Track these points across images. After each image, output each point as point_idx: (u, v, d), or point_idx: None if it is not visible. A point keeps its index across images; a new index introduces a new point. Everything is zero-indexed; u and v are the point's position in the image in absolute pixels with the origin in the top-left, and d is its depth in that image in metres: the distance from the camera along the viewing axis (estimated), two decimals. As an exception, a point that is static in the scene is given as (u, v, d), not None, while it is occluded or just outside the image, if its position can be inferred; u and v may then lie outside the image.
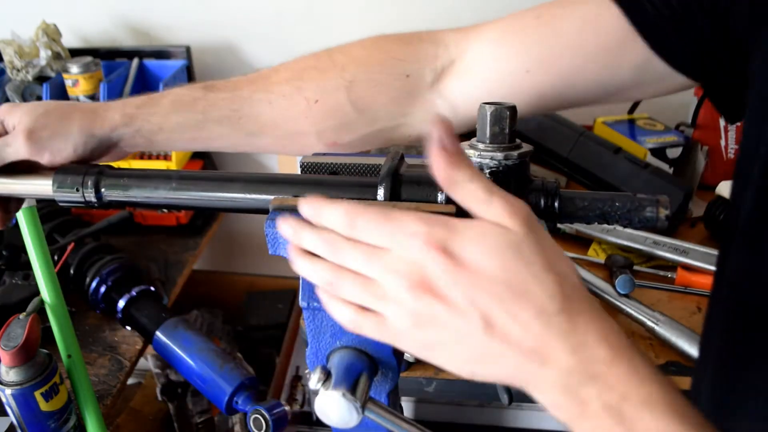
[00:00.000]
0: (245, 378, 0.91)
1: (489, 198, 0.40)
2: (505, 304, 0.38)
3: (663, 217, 0.50)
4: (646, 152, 1.22)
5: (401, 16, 1.48)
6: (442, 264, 0.39)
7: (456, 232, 0.39)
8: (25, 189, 0.63)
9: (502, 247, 0.39)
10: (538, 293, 0.38)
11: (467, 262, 0.39)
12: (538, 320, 0.38)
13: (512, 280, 0.38)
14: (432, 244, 0.39)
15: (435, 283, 0.39)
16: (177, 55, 1.45)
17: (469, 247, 0.39)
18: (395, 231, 0.40)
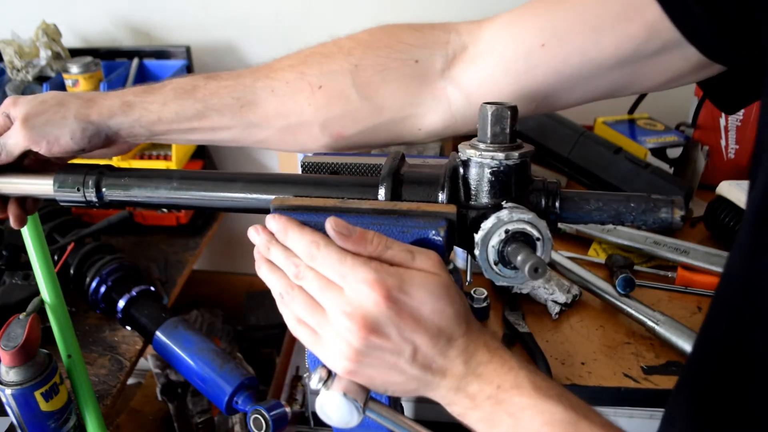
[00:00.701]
0: (245, 378, 0.91)
1: (412, 256, 0.48)
2: (431, 338, 0.46)
3: (678, 218, 0.50)
4: (646, 152, 1.22)
5: (401, 16, 1.48)
6: (389, 311, 0.45)
7: (402, 283, 0.46)
8: (26, 189, 0.63)
9: (434, 293, 0.46)
10: (454, 326, 0.47)
11: (408, 308, 0.46)
12: (451, 345, 0.47)
13: (440, 319, 0.46)
14: (384, 295, 0.45)
15: (381, 326, 0.45)
16: (177, 55, 1.45)
17: (411, 295, 0.46)
18: (348, 274, 0.46)
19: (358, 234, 0.47)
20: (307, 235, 0.48)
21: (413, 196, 0.53)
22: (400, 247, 0.48)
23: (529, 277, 0.44)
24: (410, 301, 0.46)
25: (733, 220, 1.05)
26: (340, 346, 0.46)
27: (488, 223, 0.48)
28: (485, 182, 0.51)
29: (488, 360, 0.47)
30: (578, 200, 0.52)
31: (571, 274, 0.97)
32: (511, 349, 0.86)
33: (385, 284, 0.45)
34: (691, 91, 1.30)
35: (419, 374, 0.47)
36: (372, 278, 0.45)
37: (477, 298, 0.91)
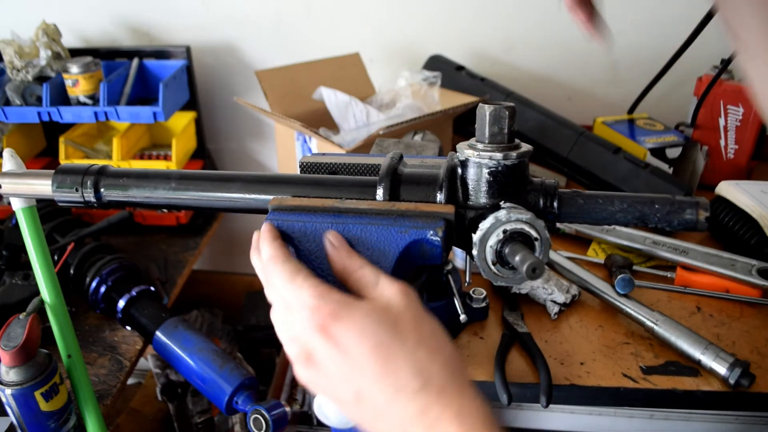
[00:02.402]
0: (245, 378, 0.91)
1: (376, 280, 0.45)
2: (373, 382, 0.41)
3: (703, 219, 0.50)
4: (645, 152, 1.22)
5: (400, 16, 1.48)
6: (322, 342, 0.42)
7: (340, 312, 0.42)
8: (25, 189, 0.63)
9: (378, 327, 0.42)
10: (405, 370, 0.41)
11: (343, 344, 0.42)
12: (400, 396, 0.40)
13: (382, 359, 0.41)
14: (316, 324, 0.42)
15: (316, 359, 0.43)
16: (177, 55, 1.45)
17: (346, 329, 0.42)
18: (292, 298, 0.45)
19: (345, 249, 0.48)
20: (272, 249, 0.48)
21: (411, 196, 0.53)
22: (371, 272, 0.46)
23: (526, 277, 0.44)
24: (347, 333, 0.42)
25: (733, 220, 1.05)
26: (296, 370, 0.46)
27: (486, 224, 0.48)
28: (483, 182, 0.52)
29: None
30: (603, 201, 0.52)
31: (570, 274, 0.97)
32: (510, 349, 0.86)
33: (321, 311, 0.42)
34: (691, 91, 1.30)
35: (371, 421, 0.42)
36: (310, 304, 0.43)
37: (476, 298, 0.91)
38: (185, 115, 1.48)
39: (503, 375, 0.80)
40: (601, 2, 0.67)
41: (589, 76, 1.51)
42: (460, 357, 0.44)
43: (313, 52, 1.47)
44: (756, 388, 0.78)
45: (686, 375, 0.81)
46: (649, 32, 1.44)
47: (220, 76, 1.60)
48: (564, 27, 1.45)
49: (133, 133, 1.42)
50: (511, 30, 1.46)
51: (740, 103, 1.21)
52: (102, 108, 1.28)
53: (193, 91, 1.47)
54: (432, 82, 1.33)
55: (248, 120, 1.65)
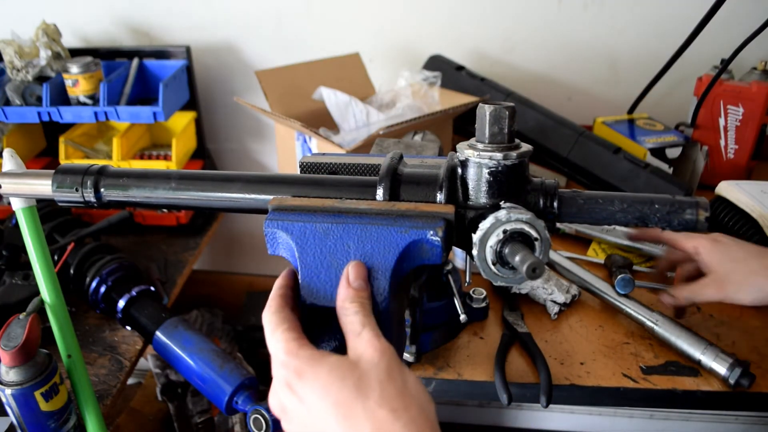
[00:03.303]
0: (245, 378, 0.91)
1: (360, 331, 0.46)
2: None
3: (703, 219, 0.50)
4: (645, 152, 1.22)
5: (400, 16, 1.49)
6: (287, 396, 0.46)
7: (305, 370, 0.45)
8: (25, 189, 0.63)
9: (341, 385, 0.43)
10: (365, 428, 0.42)
11: (305, 400, 0.44)
12: None
13: (343, 416, 0.42)
14: (282, 379, 0.46)
15: (286, 409, 0.46)
16: (177, 55, 1.45)
17: (307, 388, 0.44)
18: (272, 349, 0.48)
19: (356, 288, 0.49)
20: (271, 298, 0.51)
21: (411, 196, 0.53)
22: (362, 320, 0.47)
23: (526, 277, 0.44)
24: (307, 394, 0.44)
25: (732, 220, 1.05)
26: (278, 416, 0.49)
27: (486, 224, 0.48)
28: (483, 182, 0.51)
29: None
30: (603, 201, 0.52)
31: (570, 274, 0.97)
32: (510, 349, 0.86)
33: (289, 368, 0.45)
34: (691, 91, 1.30)
35: None
36: (282, 360, 0.46)
37: (476, 298, 0.91)
38: (185, 115, 1.48)
39: (503, 375, 0.80)
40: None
41: (589, 76, 1.51)
42: (432, 411, 0.45)
43: (313, 52, 1.47)
44: (756, 388, 0.78)
45: (686, 375, 0.81)
46: (649, 32, 1.44)
47: (220, 76, 1.60)
48: (564, 27, 1.45)
49: (133, 133, 1.42)
50: (511, 30, 1.46)
51: (740, 103, 1.21)
52: (102, 108, 1.28)
53: (193, 91, 1.47)
54: (432, 82, 1.33)
55: (248, 120, 1.65)
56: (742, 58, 1.18)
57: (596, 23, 1.44)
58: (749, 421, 1.09)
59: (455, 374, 0.82)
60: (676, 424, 0.95)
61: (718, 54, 1.24)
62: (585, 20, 1.44)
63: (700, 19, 1.14)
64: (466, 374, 0.82)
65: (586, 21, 1.44)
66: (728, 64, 1.18)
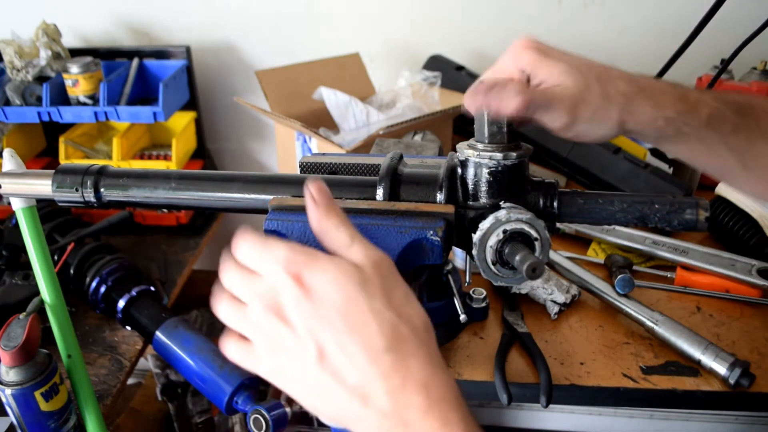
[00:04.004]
0: (245, 378, 0.91)
1: (350, 243, 0.43)
2: (338, 335, 0.40)
3: (703, 219, 0.50)
4: (645, 152, 1.22)
5: (400, 16, 1.48)
6: (292, 290, 0.41)
7: (313, 262, 0.41)
8: (25, 188, 0.63)
9: (348, 282, 0.41)
10: (372, 328, 0.40)
11: (314, 291, 0.41)
12: (364, 354, 0.39)
13: (350, 313, 0.40)
14: (289, 270, 0.41)
15: (284, 308, 0.41)
16: (177, 55, 1.45)
17: (318, 277, 0.41)
18: (265, 256, 0.42)
19: (324, 203, 0.45)
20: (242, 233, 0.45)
21: (411, 196, 0.53)
22: (349, 232, 0.44)
23: (526, 277, 0.44)
24: (318, 283, 0.41)
25: (733, 220, 1.05)
26: (255, 337, 0.43)
27: (486, 224, 0.48)
28: (483, 182, 0.52)
29: (424, 408, 0.39)
30: (603, 201, 0.52)
31: (570, 274, 0.97)
32: (510, 349, 0.86)
33: (295, 260, 0.41)
34: (691, 91, 1.30)
35: (331, 385, 0.40)
36: (283, 255, 0.41)
37: (476, 298, 0.91)
38: (185, 115, 1.48)
39: (503, 375, 0.80)
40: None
41: (589, 76, 1.50)
42: (431, 332, 0.43)
43: (313, 52, 1.47)
44: (756, 388, 0.78)
45: (686, 375, 0.81)
46: (649, 32, 1.44)
47: (220, 76, 1.60)
48: (564, 27, 1.45)
49: (133, 133, 1.42)
50: (512, 30, 1.46)
51: (740, 103, 1.21)
52: (102, 108, 1.28)
53: (193, 91, 1.47)
54: (432, 82, 1.33)
55: (248, 120, 1.65)
56: (742, 58, 1.18)
57: (596, 23, 1.44)
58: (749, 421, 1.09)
59: (455, 374, 0.82)
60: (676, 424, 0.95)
61: (718, 54, 1.24)
62: (585, 20, 1.44)
63: (700, 19, 1.14)
64: (466, 374, 0.82)
65: (586, 21, 1.44)
66: (728, 64, 1.18)
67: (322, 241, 0.45)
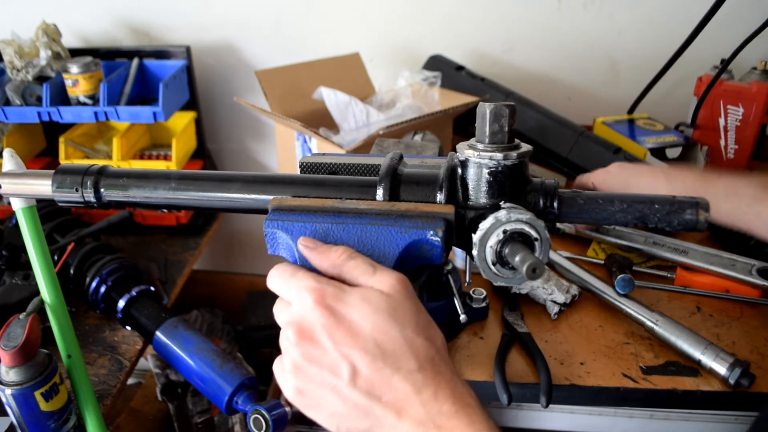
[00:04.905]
0: (245, 378, 0.91)
1: (374, 270, 0.47)
2: (373, 360, 0.43)
3: (703, 219, 0.50)
4: (645, 152, 1.22)
5: (400, 16, 1.48)
6: (323, 318, 0.44)
7: (342, 293, 0.45)
8: (25, 189, 0.63)
9: (379, 310, 0.44)
10: (404, 353, 0.44)
11: (346, 320, 0.44)
12: (398, 375, 0.43)
13: (383, 340, 0.44)
14: (319, 301, 0.45)
15: (315, 334, 0.45)
16: (177, 55, 1.45)
17: (350, 307, 0.44)
18: (293, 286, 0.47)
19: (323, 247, 0.48)
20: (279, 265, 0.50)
21: (411, 196, 0.53)
22: (364, 260, 0.47)
23: (526, 277, 0.44)
24: (349, 313, 0.44)
25: (733, 220, 1.05)
26: (285, 361, 0.47)
27: (486, 224, 0.48)
28: (483, 182, 0.52)
29: (453, 412, 0.43)
30: (603, 201, 0.52)
31: (570, 274, 0.97)
32: (510, 349, 0.86)
33: (323, 291, 0.45)
34: (691, 91, 1.30)
35: (365, 403, 0.44)
36: (311, 286, 0.45)
37: (476, 298, 0.91)
38: (185, 115, 1.48)
39: (503, 375, 0.80)
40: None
41: (589, 76, 1.51)
42: (446, 347, 0.47)
43: (313, 52, 1.47)
44: (756, 388, 0.78)
45: (686, 375, 0.81)
46: (649, 32, 1.44)
47: (220, 76, 1.60)
48: (564, 27, 1.45)
49: (133, 133, 1.42)
50: (511, 30, 1.46)
51: (740, 103, 1.21)
52: (102, 108, 1.28)
53: (193, 91, 1.47)
54: (432, 82, 1.33)
55: (248, 120, 1.65)
56: (742, 58, 1.18)
57: (596, 23, 1.44)
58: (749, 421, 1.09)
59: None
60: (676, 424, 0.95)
61: (718, 54, 1.24)
62: (585, 20, 1.44)
63: (700, 19, 1.14)
64: (466, 374, 0.82)
65: (586, 21, 1.44)
66: (728, 64, 1.18)
67: (342, 276, 0.47)
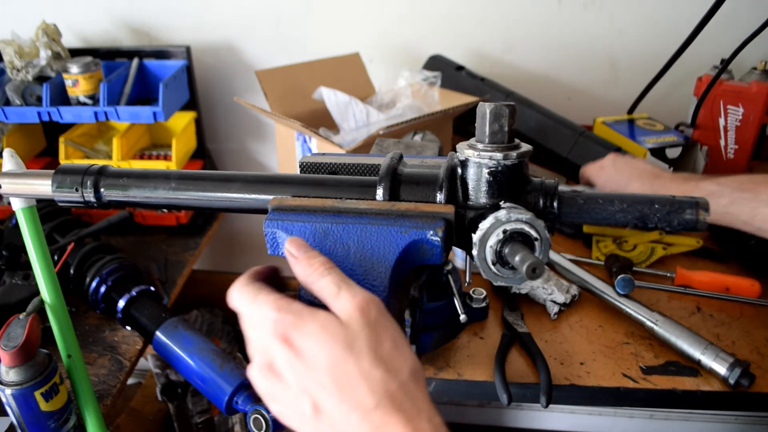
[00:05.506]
0: (245, 378, 0.91)
1: (337, 292, 0.44)
2: (330, 394, 0.42)
3: (703, 219, 0.50)
4: (645, 152, 1.22)
5: (400, 16, 1.48)
6: (282, 350, 0.43)
7: (300, 322, 0.43)
8: (25, 189, 0.63)
9: (334, 343, 0.42)
10: (361, 389, 0.41)
11: (303, 353, 0.43)
12: (355, 413, 0.41)
13: (338, 374, 0.42)
14: (277, 333, 0.43)
15: (277, 367, 0.44)
16: (177, 55, 1.45)
17: (306, 339, 0.43)
18: (255, 312, 0.45)
19: (304, 256, 0.47)
20: (240, 279, 0.48)
21: (411, 196, 0.53)
22: (332, 280, 0.45)
23: (526, 277, 0.44)
24: (305, 344, 0.43)
25: (733, 220, 1.05)
26: (259, 388, 0.46)
27: (486, 224, 0.48)
28: (483, 182, 0.52)
29: None
30: (603, 201, 0.52)
31: (570, 274, 0.97)
32: (511, 349, 0.86)
33: (282, 321, 0.43)
34: (691, 91, 1.30)
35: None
36: (270, 316, 0.44)
37: (476, 298, 0.91)
38: (185, 115, 1.48)
39: (503, 375, 0.80)
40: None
41: (589, 76, 1.50)
42: (422, 374, 0.45)
43: (313, 52, 1.47)
44: (756, 388, 0.78)
45: (686, 375, 0.81)
46: (649, 32, 1.44)
47: (220, 76, 1.60)
48: (564, 27, 1.45)
49: (133, 133, 1.42)
50: (511, 30, 1.46)
51: (740, 103, 1.21)
52: (102, 108, 1.28)
53: (193, 91, 1.47)
54: (432, 82, 1.33)
55: (248, 120, 1.65)
56: (742, 58, 1.18)
57: (596, 23, 1.44)
58: (749, 421, 1.09)
59: (455, 374, 0.82)
60: (676, 424, 0.95)
61: (718, 54, 1.24)
62: (585, 20, 1.44)
63: (700, 19, 1.14)
64: (466, 374, 0.82)
65: (586, 21, 1.44)
66: (728, 64, 1.18)
67: (311, 291, 0.46)
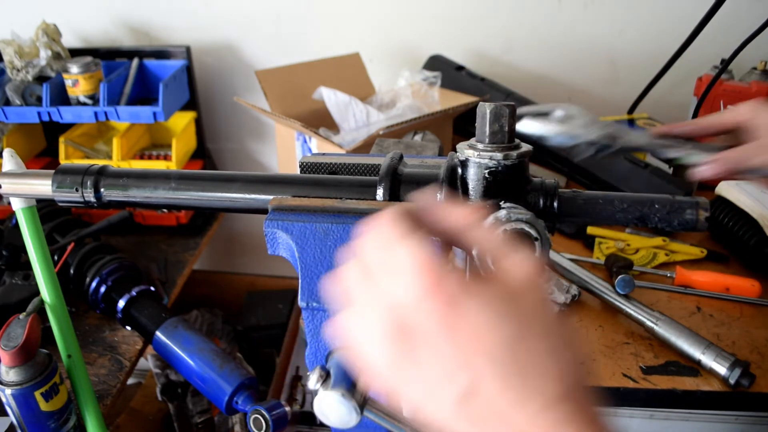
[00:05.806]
0: (245, 378, 0.91)
1: (511, 251, 0.34)
2: (501, 378, 0.31)
3: (703, 219, 0.50)
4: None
5: (400, 16, 1.48)
6: (436, 314, 0.31)
7: (470, 283, 0.32)
8: (25, 189, 0.63)
9: (515, 318, 0.32)
10: (549, 373, 0.31)
11: (470, 319, 0.31)
12: (533, 402, 0.31)
13: (518, 352, 0.31)
14: (435, 289, 0.31)
15: (418, 334, 0.32)
16: (177, 55, 1.45)
17: (475, 302, 0.31)
18: (402, 257, 0.32)
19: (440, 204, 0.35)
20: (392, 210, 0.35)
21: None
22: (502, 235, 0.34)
23: (526, 277, 0.44)
24: (474, 312, 0.31)
25: (732, 220, 1.05)
26: (372, 352, 0.33)
27: (486, 223, 0.48)
28: (483, 182, 0.51)
29: None
30: (603, 201, 0.52)
31: (570, 274, 0.97)
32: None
33: (448, 278, 0.31)
34: (691, 91, 1.30)
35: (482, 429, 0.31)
36: (419, 262, 0.31)
37: (476, 298, 0.91)
38: (185, 115, 1.48)
39: (503, 375, 0.80)
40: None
41: (589, 75, 1.50)
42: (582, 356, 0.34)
43: (313, 52, 1.47)
44: (756, 388, 0.78)
45: (686, 375, 0.81)
46: (649, 32, 1.44)
47: (220, 76, 1.60)
48: (564, 27, 1.45)
49: (133, 133, 1.42)
50: (511, 30, 1.46)
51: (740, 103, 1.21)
52: (102, 108, 1.28)
53: (193, 91, 1.47)
54: (432, 82, 1.33)
55: (248, 120, 1.65)
56: (742, 58, 1.18)
57: (596, 23, 1.44)
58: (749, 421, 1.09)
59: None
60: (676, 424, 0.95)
61: (718, 54, 1.24)
62: (585, 20, 1.44)
63: (700, 19, 1.14)
64: (466, 374, 0.82)
65: (586, 21, 1.44)
66: (728, 64, 1.18)
67: (464, 238, 0.36)
